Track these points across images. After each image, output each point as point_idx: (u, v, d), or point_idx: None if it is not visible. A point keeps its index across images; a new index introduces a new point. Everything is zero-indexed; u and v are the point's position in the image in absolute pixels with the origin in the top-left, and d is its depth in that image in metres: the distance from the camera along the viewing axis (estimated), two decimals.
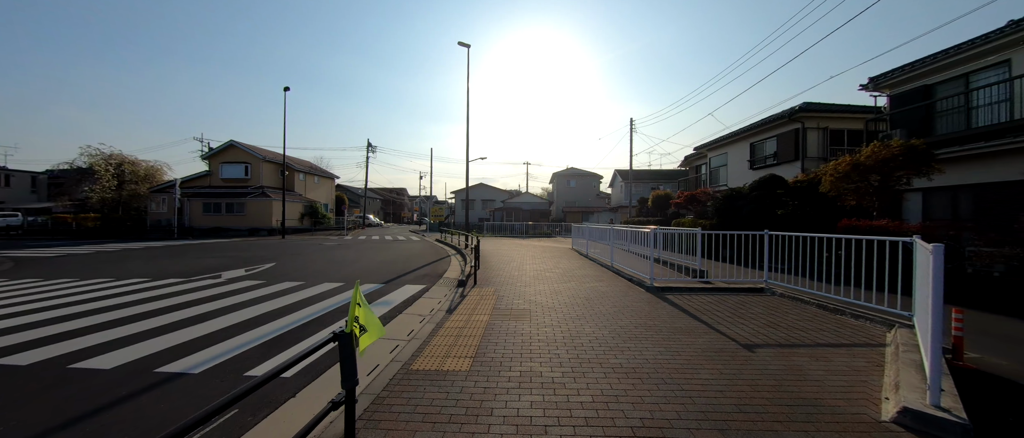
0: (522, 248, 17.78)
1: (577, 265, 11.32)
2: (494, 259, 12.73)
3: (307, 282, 8.43)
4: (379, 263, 12.09)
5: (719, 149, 22.16)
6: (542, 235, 30.51)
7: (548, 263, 11.78)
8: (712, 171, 23.20)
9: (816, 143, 16.15)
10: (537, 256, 13.89)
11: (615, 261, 10.30)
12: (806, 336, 4.63)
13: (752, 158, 19.10)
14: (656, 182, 42.63)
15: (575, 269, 10.44)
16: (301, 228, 31.46)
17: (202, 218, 29.18)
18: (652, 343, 4.36)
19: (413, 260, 13.04)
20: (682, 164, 27.92)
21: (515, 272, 9.83)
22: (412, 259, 13.34)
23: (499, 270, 10.16)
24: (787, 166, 16.45)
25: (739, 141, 20.05)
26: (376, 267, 11.12)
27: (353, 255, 14.33)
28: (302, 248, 17.23)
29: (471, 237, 12.59)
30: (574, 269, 10.44)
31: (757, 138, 18.69)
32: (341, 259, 12.96)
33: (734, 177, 20.19)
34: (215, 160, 31.79)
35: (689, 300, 6.52)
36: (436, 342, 4.43)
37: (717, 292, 7.21)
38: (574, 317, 5.43)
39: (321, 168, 41.84)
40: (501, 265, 11.20)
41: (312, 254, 14.57)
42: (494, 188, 49.75)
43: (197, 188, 30.99)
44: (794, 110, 15.93)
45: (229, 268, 10.61)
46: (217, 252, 15.15)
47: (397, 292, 7.49)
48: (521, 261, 12.27)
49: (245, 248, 17.08)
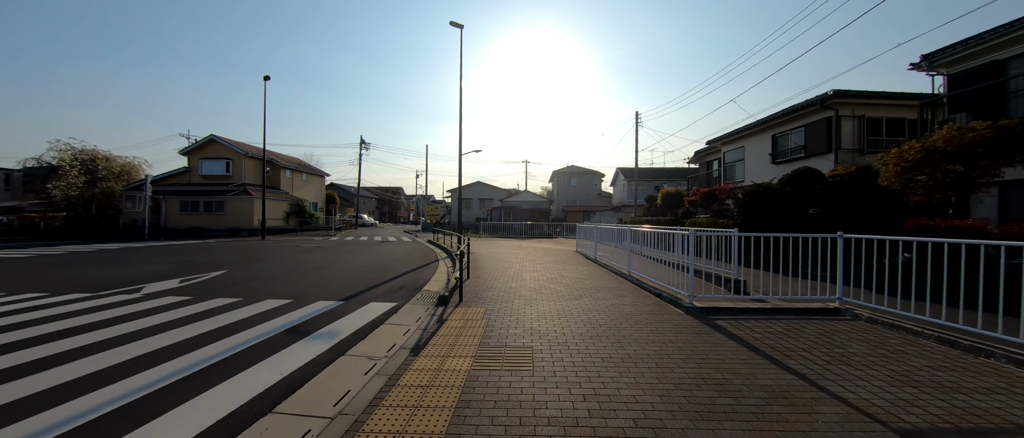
0: (521, 250, 16.01)
1: (586, 273, 9.53)
2: (489, 264, 10.96)
3: (246, 299, 6.62)
4: (352, 270, 10.29)
5: (734, 143, 20.40)
6: (542, 236, 28.73)
7: (551, 269, 10.00)
8: (726, 167, 21.45)
9: (851, 133, 14.39)
10: (538, 260, 12.12)
11: (633, 269, 8.52)
12: (980, 406, 2.85)
13: (775, 151, 17.34)
14: (660, 180, 40.93)
15: (585, 278, 8.65)
16: (286, 228, 29.61)
17: (179, 218, 27.32)
18: (738, 423, 2.58)
19: (394, 265, 11.25)
20: (692, 160, 26.18)
21: (512, 283, 8.05)
22: (394, 264, 11.54)
23: (493, 280, 8.38)
24: (818, 159, 14.69)
25: (759, 133, 18.30)
26: (346, 275, 9.33)
27: (327, 259, 12.52)
28: (274, 251, 15.41)
29: (462, 239, 10.87)
30: (584, 278, 8.66)
31: (781, 129, 16.93)
32: (309, 265, 11.15)
33: (752, 172, 18.45)
34: (195, 156, 29.92)
35: (750, 329, 4.74)
36: (378, 420, 2.64)
37: (778, 315, 5.43)
38: (598, 363, 3.64)
39: (310, 165, 39.99)
40: (496, 273, 9.41)
41: (280, 258, 12.76)
42: (492, 186, 47.93)
43: (175, 186, 29.12)
44: (826, 96, 14.17)
45: (168, 277, 8.80)
46: (173, 256, 13.32)
47: (355, 315, 5.69)
48: (520, 267, 10.49)
49: (209, 251, 15.26)
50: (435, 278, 8.92)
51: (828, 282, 6.14)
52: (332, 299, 6.62)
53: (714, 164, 24.91)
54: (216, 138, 29.52)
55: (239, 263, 11.41)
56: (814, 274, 6.30)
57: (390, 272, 9.89)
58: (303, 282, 8.28)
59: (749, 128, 18.64)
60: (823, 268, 6.03)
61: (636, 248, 8.95)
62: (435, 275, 9.35)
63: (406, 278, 9.01)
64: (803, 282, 6.42)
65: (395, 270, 10.27)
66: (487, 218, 40.70)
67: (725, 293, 6.61)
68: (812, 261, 6.03)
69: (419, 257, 13.80)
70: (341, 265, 11.16)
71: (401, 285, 8.10)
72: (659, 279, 7.23)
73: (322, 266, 10.88)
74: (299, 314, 5.64)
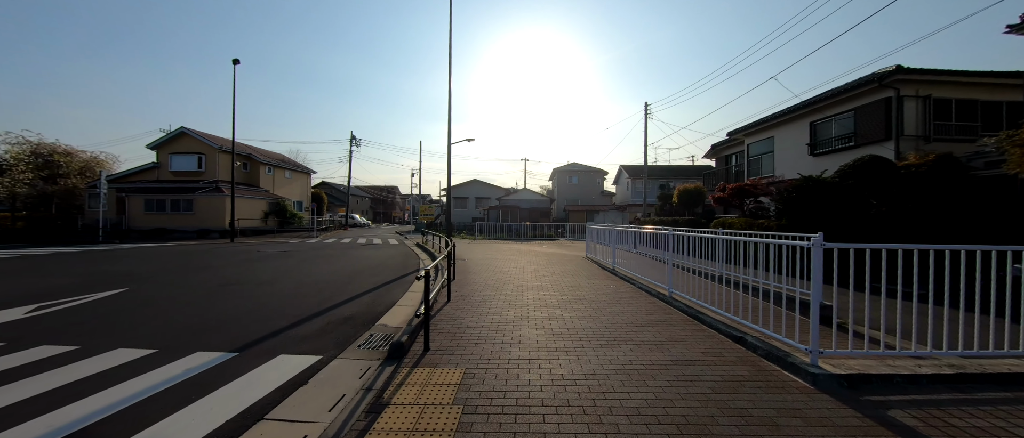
0: (520, 256, 13.63)
1: (608, 291, 7.15)
2: (480, 276, 8.57)
3: (88, 346, 4.22)
4: (303, 286, 7.89)
5: (761, 133, 18.06)
6: (543, 237, 26.31)
7: (561, 285, 7.61)
8: (750, 161, 19.10)
9: (915, 117, 12.05)
10: (542, 270, 9.73)
11: (675, 289, 6.15)
12: None
13: (813, 141, 15.00)
14: (667, 178, 38.63)
15: (610, 302, 6.27)
16: (263, 229, 27.13)
17: (143, 217, 24.82)
18: None
19: (360, 279, 8.84)
20: (707, 154, 23.84)
21: (508, 311, 5.66)
22: (360, 276, 9.13)
23: (482, 305, 5.99)
24: (871, 148, 12.35)
25: (792, 120, 15.95)
26: (286, 297, 6.93)
27: (282, 270, 10.11)
28: (226, 258, 12.98)
29: (449, 242, 8.51)
30: (608, 302, 6.27)
31: (821, 115, 14.58)
32: (252, 279, 8.74)
33: (784, 166, 16.11)
34: (164, 150, 27.40)
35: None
36: None
37: (986, 389, 3.05)
38: None
39: (294, 161, 37.47)
40: (488, 291, 7.02)
41: (225, 268, 10.33)
42: (489, 185, 45.47)
43: (142, 182, 26.62)
44: (886, 73, 11.83)
45: (32, 299, 6.38)
46: (94, 264, 10.88)
47: (231, 388, 3.29)
48: (519, 282, 8.10)
49: (145, 258, 12.83)
50: (403, 301, 6.51)
51: (992, 316, 3.76)
52: (221, 350, 4.18)
53: (734, 158, 22.58)
54: (187, 131, 27.02)
55: (161, 276, 8.99)
56: (945, 298, 3.93)
57: (348, 290, 7.48)
58: (214, 311, 5.86)
59: (780, 115, 16.29)
60: (977, 292, 3.65)
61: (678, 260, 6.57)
62: (406, 295, 6.94)
63: (364, 301, 6.60)
64: (935, 310, 4.06)
65: (357, 286, 7.86)
66: (484, 218, 38.30)
67: (878, 351, 4.24)
68: (948, 280, 3.65)
69: (398, 265, 11.40)
70: (293, 279, 8.74)
71: (350, 315, 5.69)
72: (732, 313, 4.85)
73: (268, 281, 8.46)
74: (125, 391, 3.24)
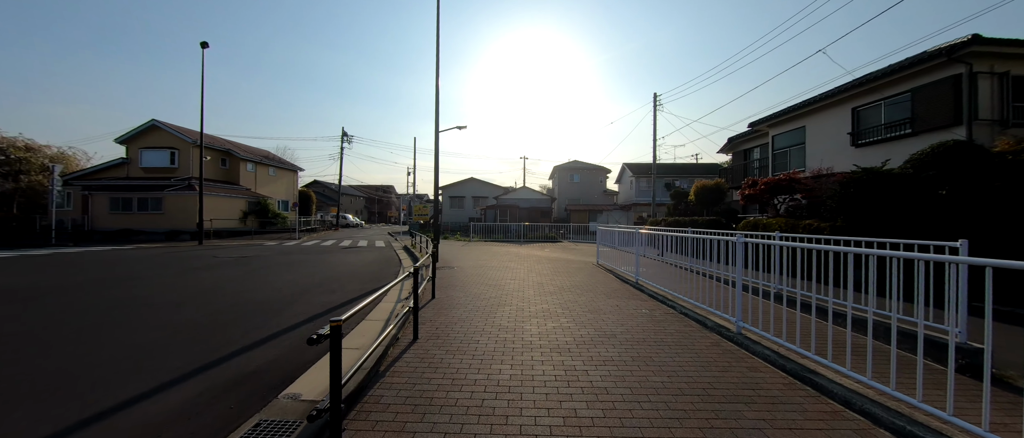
0: (519, 262, 11.64)
1: (645, 324, 5.16)
2: (466, 296, 6.60)
3: None
4: (224, 311, 5.90)
5: (789, 123, 16.11)
6: (544, 239, 24.30)
7: (575, 313, 5.63)
8: (775, 154, 17.15)
9: (989, 99, 10.12)
10: (546, 283, 7.76)
11: (748, 323, 4.18)
12: None
13: (856, 129, 13.05)
14: (672, 176, 36.75)
15: (656, 346, 4.29)
16: (241, 230, 25.06)
17: (108, 217, 22.74)
18: None
19: (304, 300, 6.84)
20: (723, 148, 21.88)
21: (502, 367, 3.69)
22: (306, 297, 7.14)
23: (464, 352, 4.02)
24: (936, 136, 10.41)
25: (829, 107, 14.01)
26: (186, 329, 4.97)
27: (223, 281, 8.11)
28: (173, 265, 10.96)
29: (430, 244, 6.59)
30: (653, 345, 4.29)
31: (867, 99, 12.63)
32: (169, 297, 6.75)
33: (817, 159, 14.15)
34: (134, 145, 25.33)
35: None
36: None
37: None
38: None
39: (279, 158, 35.39)
40: (474, 323, 5.05)
41: (149, 280, 8.32)
42: (487, 183, 43.42)
43: (109, 180, 24.54)
44: (957, 45, 9.88)
45: None
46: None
47: None
48: (518, 305, 6.11)
49: (74, 267, 10.81)
50: (352, 337, 4.51)
51: None
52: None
53: (754, 152, 20.61)
54: (158, 123, 24.97)
55: (60, 294, 6.97)
56: None
57: (283, 317, 5.48)
58: (32, 368, 3.86)
59: (815, 102, 14.35)
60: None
61: (748, 280, 4.59)
62: (359, 326, 4.94)
63: (293, 339, 4.60)
64: None
65: (298, 311, 5.87)
66: (481, 218, 36.33)
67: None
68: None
69: (370, 276, 9.40)
70: (224, 298, 6.74)
71: (256, 368, 3.69)
72: (856, 368, 2.86)
73: (188, 299, 6.45)
74: None
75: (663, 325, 4.96)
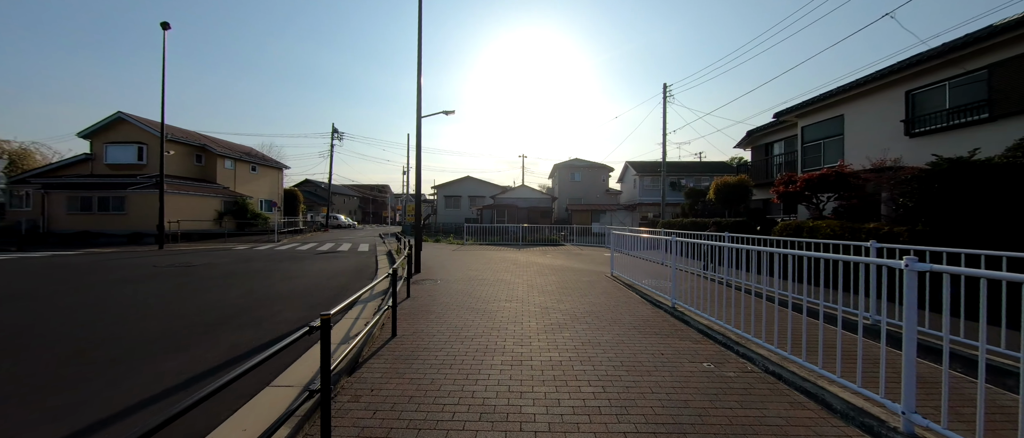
0: (517, 273, 9.71)
1: (729, 396, 3.22)
2: (443, 331, 4.68)
3: None
4: (66, 363, 3.95)
5: (823, 111, 14.20)
6: (544, 241, 22.32)
7: (601, 369, 3.71)
8: (805, 148, 15.24)
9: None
10: (552, 306, 5.83)
11: (919, 418, 2.25)
12: None
13: (912, 116, 11.15)
14: (678, 175, 34.86)
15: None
16: (214, 232, 23.04)
17: (66, 218, 20.73)
18: None
19: (209, 339, 4.91)
20: (741, 143, 19.98)
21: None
22: (219, 333, 5.20)
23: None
24: (1019, 121, 8.54)
25: (876, 91, 12.09)
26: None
27: (136, 300, 6.16)
28: (98, 272, 8.99)
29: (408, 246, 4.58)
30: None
31: (928, 80, 10.73)
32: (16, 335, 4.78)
33: (860, 152, 12.23)
34: (99, 139, 23.29)
35: None
36: None
37: None
38: None
39: (262, 155, 33.32)
40: (447, 393, 3.12)
41: (43, 299, 6.36)
42: (484, 182, 41.40)
43: (71, 177, 22.52)
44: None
45: None
46: None
47: None
48: (514, 352, 4.18)
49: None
50: (236, 420, 2.59)
51: None
52: None
53: (775, 147, 18.71)
54: (125, 116, 22.94)
55: None
56: None
57: (159, 378, 3.57)
58: None
59: (857, 85, 12.44)
60: None
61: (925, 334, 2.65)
62: (252, 402, 3.02)
63: None
64: None
65: (188, 363, 3.95)
66: (478, 218, 34.41)
67: None
68: None
69: (330, 294, 7.43)
70: (98, 333, 4.79)
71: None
72: None
73: (11, 346, 4.51)
74: None
75: (751, 400, 3.04)
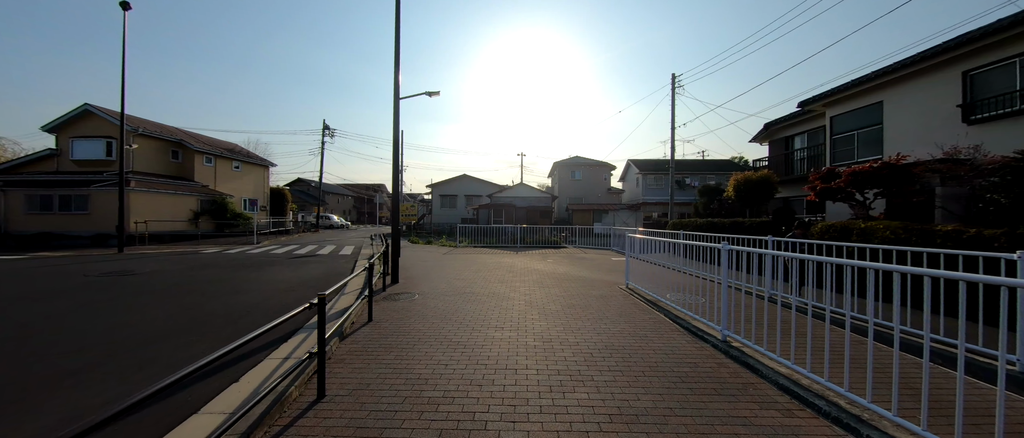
0: (514, 285, 8.16)
1: None
2: (395, 395, 3.15)
3: None
4: None
5: (857, 98, 12.66)
6: (544, 244, 20.72)
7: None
8: (834, 140, 13.69)
9: None
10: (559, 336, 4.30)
11: None
12: None
13: (970, 100, 9.63)
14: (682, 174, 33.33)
15: None
16: (187, 233, 21.41)
17: (25, 219, 19.09)
18: None
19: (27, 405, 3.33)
20: (757, 137, 18.47)
21: None
22: (65, 392, 3.63)
23: None
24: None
25: (925, 72, 10.57)
26: None
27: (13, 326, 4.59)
28: (4, 284, 7.38)
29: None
30: None
31: (988, 59, 9.21)
32: None
33: (903, 143, 10.70)
34: (64, 134, 21.63)
35: None
36: None
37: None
38: None
39: (245, 151, 31.61)
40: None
41: None
42: (481, 181, 39.78)
43: (33, 174, 20.86)
44: None
45: None
46: None
47: None
48: (508, 431, 2.63)
49: None
50: None
51: None
52: None
53: (797, 140, 17.18)
54: (92, 109, 21.28)
55: None
56: None
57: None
58: None
59: (899, 68, 10.92)
60: None
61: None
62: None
63: None
64: None
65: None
66: (474, 218, 32.82)
67: None
68: None
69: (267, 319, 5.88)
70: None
71: None
72: None
73: None
74: None
75: None
